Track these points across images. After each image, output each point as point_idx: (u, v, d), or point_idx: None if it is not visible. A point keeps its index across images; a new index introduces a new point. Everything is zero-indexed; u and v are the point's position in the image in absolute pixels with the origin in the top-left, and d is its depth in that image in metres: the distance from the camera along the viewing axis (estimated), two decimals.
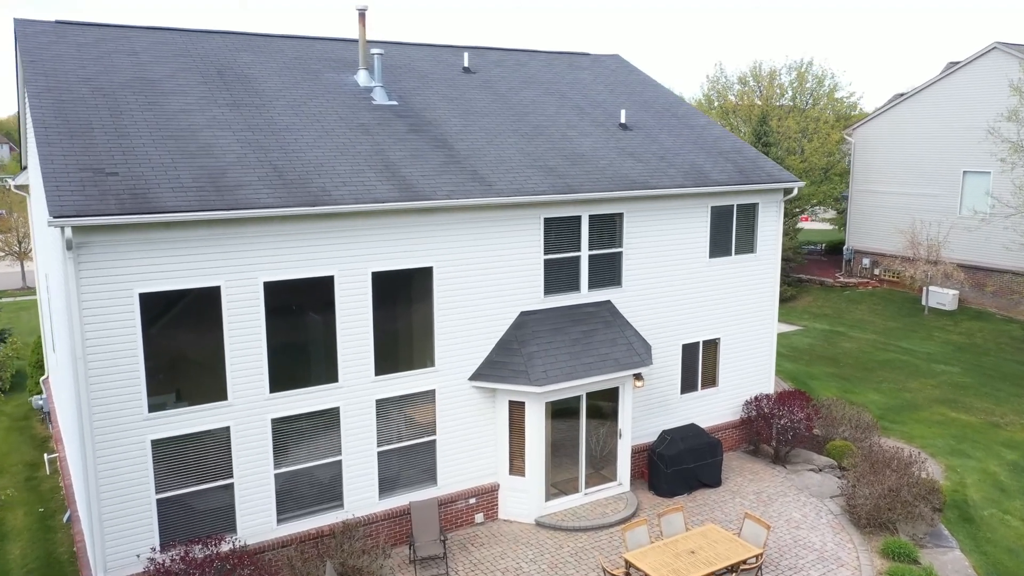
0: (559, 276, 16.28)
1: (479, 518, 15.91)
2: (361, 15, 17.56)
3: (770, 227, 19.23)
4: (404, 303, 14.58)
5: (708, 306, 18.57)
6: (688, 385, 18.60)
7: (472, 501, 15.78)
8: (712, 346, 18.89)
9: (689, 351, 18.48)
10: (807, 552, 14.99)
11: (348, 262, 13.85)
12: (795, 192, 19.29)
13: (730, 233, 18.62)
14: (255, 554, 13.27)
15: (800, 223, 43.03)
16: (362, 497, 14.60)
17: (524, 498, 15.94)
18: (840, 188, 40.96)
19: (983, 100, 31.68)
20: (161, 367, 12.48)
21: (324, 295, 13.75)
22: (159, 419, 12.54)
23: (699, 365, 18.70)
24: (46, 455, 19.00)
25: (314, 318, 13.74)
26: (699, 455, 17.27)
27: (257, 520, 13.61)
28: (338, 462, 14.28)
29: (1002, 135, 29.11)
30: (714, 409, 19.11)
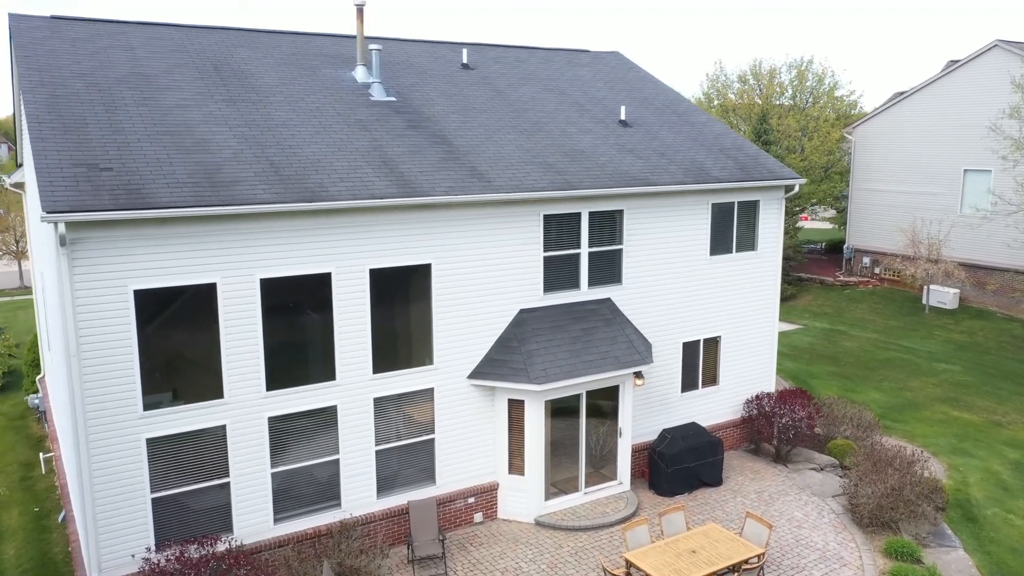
0: (559, 273, 16.15)
1: (478, 517, 15.78)
2: (359, 10, 17.42)
3: (771, 224, 19.10)
4: (402, 300, 14.44)
5: (709, 304, 18.44)
6: (689, 383, 18.47)
7: (471, 500, 15.65)
8: (713, 344, 18.76)
9: (690, 349, 18.35)
10: (809, 552, 14.86)
11: (345, 259, 13.71)
12: (796, 189, 19.18)
13: (731, 230, 18.49)
14: (251, 554, 13.13)
15: (800, 222, 42.88)
16: (360, 496, 14.46)
17: (523, 497, 15.81)
18: (840, 187, 40.83)
19: (984, 98, 31.57)
20: (156, 365, 12.34)
21: (321, 292, 13.61)
22: (154, 417, 12.40)
23: (700, 363, 18.57)
24: (42, 454, 18.86)
25: (311, 315, 13.60)
26: (700, 454, 17.14)
27: (254, 520, 13.46)
28: (335, 461, 14.14)
29: (1004, 132, 28.99)
30: (715, 408, 18.98)
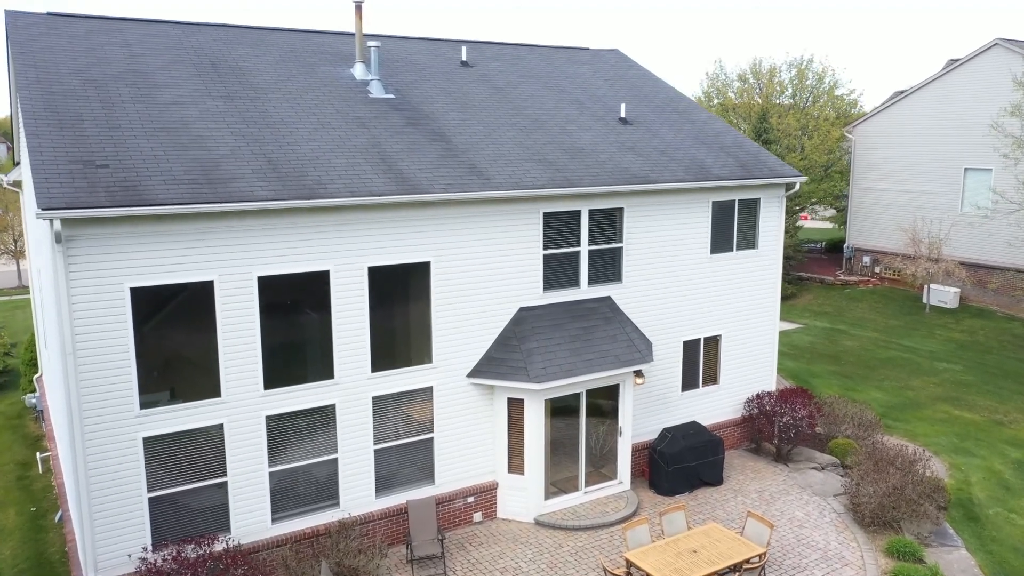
0: (558, 271, 16.06)
1: (477, 517, 15.68)
2: (358, 7, 17.32)
3: (772, 222, 19.01)
4: (401, 298, 14.35)
5: (709, 302, 18.34)
6: (689, 382, 18.38)
7: (470, 500, 15.55)
8: (713, 343, 18.67)
9: (690, 348, 18.26)
10: (811, 551, 14.77)
11: (344, 256, 13.61)
12: (797, 187, 19.09)
13: (731, 228, 18.40)
14: (249, 554, 13.03)
15: (800, 221, 42.79)
16: (358, 496, 14.37)
17: (523, 497, 15.71)
18: (840, 186, 40.74)
19: (985, 97, 31.48)
20: (153, 363, 12.24)
21: (319, 290, 13.51)
22: (151, 416, 12.30)
23: (700, 362, 18.48)
24: (39, 454, 18.76)
25: (309, 313, 13.50)
26: (700, 453, 17.05)
27: (251, 519, 13.37)
28: (334, 460, 14.05)
29: (1005, 130, 28.91)
30: (715, 407, 18.89)
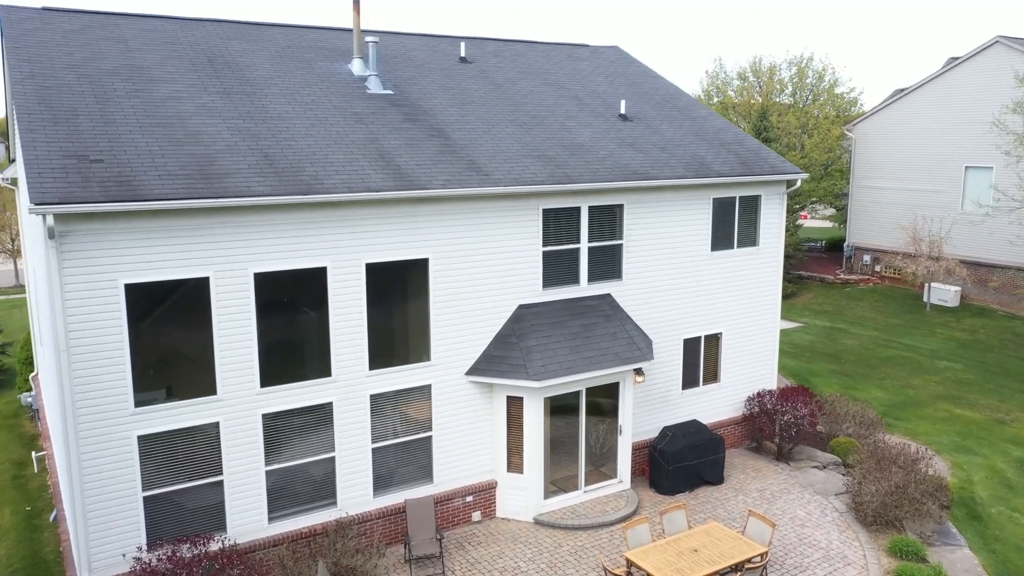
0: (558, 268, 15.92)
1: (476, 516, 15.54)
2: (356, 3, 17.18)
3: (773, 220, 18.88)
4: (399, 295, 14.21)
5: (710, 300, 18.21)
6: (690, 381, 18.24)
7: (469, 499, 15.41)
8: (714, 341, 18.54)
9: (691, 346, 18.13)
10: (813, 550, 14.64)
11: (341, 253, 13.47)
12: (798, 184, 18.97)
13: (732, 225, 18.27)
14: (245, 553, 12.89)
15: (799, 220, 42.67)
16: (356, 495, 14.23)
17: (522, 496, 15.58)
18: (841, 184, 40.62)
19: (985, 95, 31.36)
20: (148, 360, 12.09)
21: (317, 287, 13.37)
22: (146, 414, 12.15)
23: (701, 360, 18.35)
24: (34, 453, 18.62)
25: (306, 311, 13.36)
26: (701, 452, 16.92)
27: (247, 518, 13.22)
28: (331, 459, 13.90)
29: (1007, 128, 28.79)
30: (716, 405, 18.76)
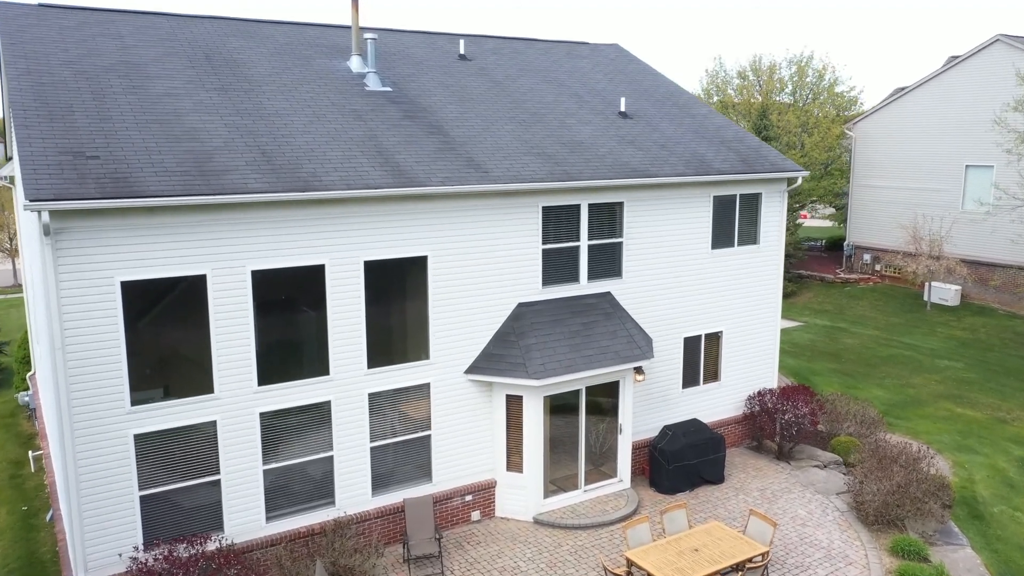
0: (558, 266, 15.83)
1: (475, 516, 15.46)
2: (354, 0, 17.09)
3: (773, 218, 18.79)
4: (398, 293, 14.12)
5: (710, 298, 18.12)
6: (690, 379, 18.16)
7: (468, 498, 15.32)
8: (714, 339, 18.45)
9: (691, 344, 18.04)
10: (814, 550, 14.56)
11: (339, 250, 13.38)
12: (799, 182, 18.88)
13: (733, 224, 18.18)
14: (242, 553, 12.80)
15: (799, 220, 42.60)
16: (354, 494, 14.14)
17: (522, 495, 15.49)
18: (841, 184, 40.54)
19: (986, 93, 31.28)
20: (144, 359, 12.00)
21: (315, 285, 13.27)
22: (142, 412, 12.06)
23: (701, 359, 18.26)
24: (31, 452, 18.53)
25: (304, 309, 13.27)
26: (701, 451, 16.84)
27: (245, 518, 13.13)
28: (329, 458, 13.81)
29: (1009, 126, 28.71)
30: (716, 404, 18.67)
